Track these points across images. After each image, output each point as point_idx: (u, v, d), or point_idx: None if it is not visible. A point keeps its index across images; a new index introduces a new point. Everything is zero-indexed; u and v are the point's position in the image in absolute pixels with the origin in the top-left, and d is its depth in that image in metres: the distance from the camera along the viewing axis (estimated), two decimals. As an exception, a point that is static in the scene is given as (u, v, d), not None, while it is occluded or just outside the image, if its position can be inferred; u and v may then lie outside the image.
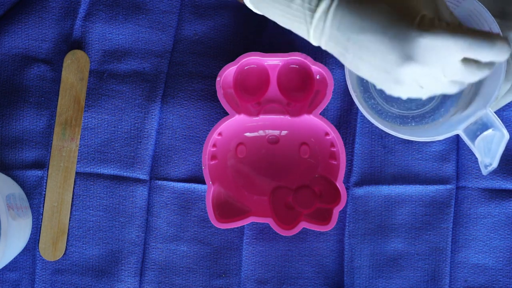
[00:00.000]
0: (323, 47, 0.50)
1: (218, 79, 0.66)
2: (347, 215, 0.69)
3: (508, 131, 0.58)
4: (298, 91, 0.68)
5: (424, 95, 0.50)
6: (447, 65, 0.47)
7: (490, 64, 0.47)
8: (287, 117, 0.67)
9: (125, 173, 0.70)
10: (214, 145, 0.67)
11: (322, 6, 0.48)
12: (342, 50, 0.49)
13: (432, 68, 0.47)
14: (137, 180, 0.70)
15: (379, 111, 0.65)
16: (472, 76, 0.48)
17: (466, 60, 0.47)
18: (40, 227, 0.69)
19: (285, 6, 0.49)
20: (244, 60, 0.66)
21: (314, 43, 0.50)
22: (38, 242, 0.69)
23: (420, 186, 0.69)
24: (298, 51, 0.66)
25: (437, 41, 0.45)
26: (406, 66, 0.46)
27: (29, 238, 0.69)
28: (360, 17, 0.47)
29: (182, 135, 0.70)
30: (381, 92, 0.65)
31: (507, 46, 0.46)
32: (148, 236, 0.69)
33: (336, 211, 0.65)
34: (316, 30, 0.49)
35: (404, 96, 0.50)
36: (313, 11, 0.48)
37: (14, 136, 0.70)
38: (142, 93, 0.70)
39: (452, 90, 0.49)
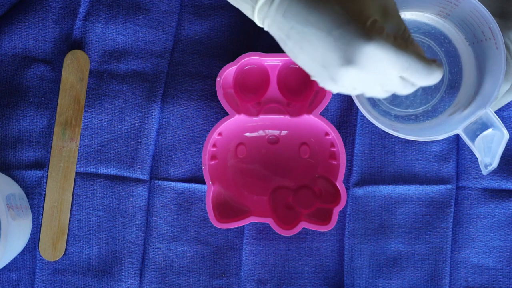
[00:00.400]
0: (266, 29, 0.50)
1: (218, 79, 0.66)
2: (347, 215, 0.69)
3: (508, 131, 0.58)
4: (298, 91, 0.68)
5: (354, 93, 0.50)
6: (385, 77, 0.47)
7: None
8: (287, 117, 0.67)
9: (125, 173, 0.70)
10: (214, 145, 0.67)
11: None
12: (284, 36, 0.49)
13: (370, 75, 0.47)
14: (137, 180, 0.70)
15: (379, 111, 0.65)
16: (405, 90, 0.49)
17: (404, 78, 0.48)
18: (40, 227, 0.69)
19: None
20: (244, 60, 0.66)
21: (258, 23, 0.50)
22: (38, 242, 0.69)
23: (420, 186, 0.69)
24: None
25: (380, 52, 0.45)
26: (345, 69, 0.46)
27: (29, 238, 0.69)
28: (308, 10, 0.46)
29: (182, 135, 0.70)
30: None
31: (441, 74, 0.48)
32: (148, 236, 0.69)
33: (336, 211, 0.65)
34: (261, 12, 0.49)
35: (334, 91, 0.50)
36: None
37: (14, 136, 0.70)
38: (142, 93, 0.70)
39: (382, 95, 0.50)
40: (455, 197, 0.69)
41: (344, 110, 0.70)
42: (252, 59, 0.67)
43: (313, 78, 0.50)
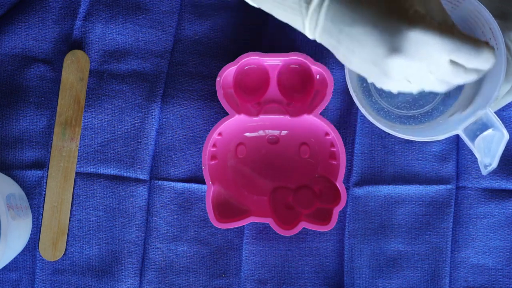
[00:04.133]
0: (318, 40, 0.51)
1: (218, 79, 0.66)
2: (347, 215, 0.69)
3: (508, 131, 0.58)
4: (298, 91, 0.68)
5: (413, 89, 0.50)
6: (434, 63, 0.47)
7: (477, 71, 0.48)
8: (287, 117, 0.67)
9: (125, 173, 0.70)
10: (214, 145, 0.67)
11: None
12: (335, 42, 0.49)
13: (419, 63, 0.47)
14: (137, 180, 0.70)
15: (379, 111, 0.65)
16: (458, 78, 0.49)
17: (454, 62, 0.47)
18: (40, 227, 0.69)
19: None
20: (244, 60, 0.66)
21: (310, 35, 0.51)
22: (38, 242, 0.69)
23: (420, 186, 0.69)
24: (298, 51, 0.66)
25: (425, 37, 0.46)
26: (393, 58, 0.47)
27: (29, 238, 0.69)
28: (352, 9, 0.47)
29: (182, 135, 0.70)
30: (381, 92, 0.65)
31: (493, 56, 0.47)
32: (148, 236, 0.69)
33: (336, 211, 0.65)
34: (311, 22, 0.50)
35: (394, 90, 0.50)
36: (308, 2, 0.49)
37: (14, 136, 0.70)
38: (142, 93, 0.70)
39: (439, 88, 0.50)
40: (455, 197, 0.69)
41: (344, 110, 0.70)
42: (252, 59, 0.67)
43: (370, 81, 0.51)
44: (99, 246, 0.69)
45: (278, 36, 0.70)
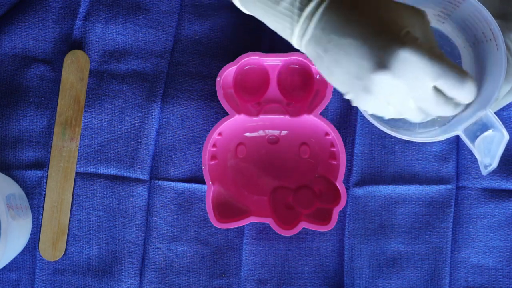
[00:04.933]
0: (303, 49, 0.51)
1: (218, 79, 0.66)
2: (347, 215, 0.69)
3: (508, 131, 0.58)
4: (298, 91, 0.68)
5: (389, 114, 0.51)
6: (418, 87, 0.48)
7: (456, 104, 0.50)
8: (287, 117, 0.67)
9: (125, 173, 0.70)
10: (214, 145, 0.67)
11: (312, 5, 0.49)
12: (321, 52, 0.49)
13: (403, 84, 0.47)
14: (137, 180, 0.70)
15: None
16: (438, 108, 0.50)
17: (438, 90, 0.48)
18: (40, 227, 0.69)
19: (274, 4, 0.50)
20: (244, 60, 0.66)
21: (295, 43, 0.51)
22: (38, 242, 0.69)
23: (420, 186, 0.69)
24: (298, 51, 0.66)
25: (415, 58, 0.46)
26: (379, 74, 0.47)
27: (29, 238, 0.69)
28: (347, 22, 0.48)
29: (182, 135, 0.70)
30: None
31: (475, 91, 0.49)
32: (148, 236, 0.69)
33: (336, 211, 0.65)
34: (301, 30, 0.50)
35: (370, 110, 0.51)
36: (302, 10, 0.49)
37: (14, 136, 0.70)
38: (142, 93, 0.70)
39: (415, 117, 0.51)
40: (455, 197, 0.69)
41: (344, 110, 0.70)
42: (252, 59, 0.67)
43: (346, 96, 0.51)
44: (99, 246, 0.70)
45: (278, 36, 0.70)
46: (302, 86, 0.68)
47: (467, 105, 0.61)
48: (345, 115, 0.70)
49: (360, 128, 0.69)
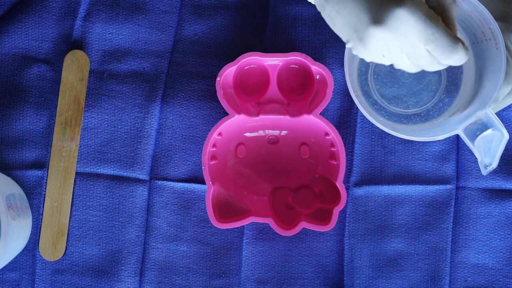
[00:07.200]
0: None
1: (218, 79, 0.66)
2: (347, 215, 0.69)
3: (508, 131, 0.58)
4: (298, 91, 0.68)
5: (386, 63, 0.52)
6: (410, 46, 0.49)
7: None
8: (287, 117, 0.67)
9: (125, 173, 0.70)
10: (214, 145, 0.67)
11: None
12: (323, 1, 0.52)
13: (397, 41, 0.49)
14: (137, 180, 0.70)
15: (379, 111, 0.65)
16: (431, 65, 0.51)
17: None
18: (40, 227, 0.69)
19: None
20: (244, 60, 0.66)
21: None
22: (38, 242, 0.69)
23: (420, 186, 0.69)
24: (298, 51, 0.66)
25: (410, 18, 0.47)
26: (374, 29, 0.49)
27: (29, 238, 0.69)
28: None
29: (182, 135, 0.70)
30: (381, 92, 0.65)
31: (465, 57, 0.49)
32: (148, 236, 0.69)
33: (336, 211, 0.65)
34: None
35: (367, 59, 0.52)
36: None
37: (14, 136, 0.70)
38: (142, 93, 0.70)
39: (409, 69, 0.52)
40: (455, 197, 0.69)
41: (344, 110, 0.70)
42: (252, 59, 0.67)
43: (347, 45, 0.52)
44: (99, 246, 0.69)
45: (278, 36, 0.70)
46: (302, 86, 0.68)
47: (467, 105, 0.61)
48: (345, 115, 0.70)
49: (360, 128, 0.69)
